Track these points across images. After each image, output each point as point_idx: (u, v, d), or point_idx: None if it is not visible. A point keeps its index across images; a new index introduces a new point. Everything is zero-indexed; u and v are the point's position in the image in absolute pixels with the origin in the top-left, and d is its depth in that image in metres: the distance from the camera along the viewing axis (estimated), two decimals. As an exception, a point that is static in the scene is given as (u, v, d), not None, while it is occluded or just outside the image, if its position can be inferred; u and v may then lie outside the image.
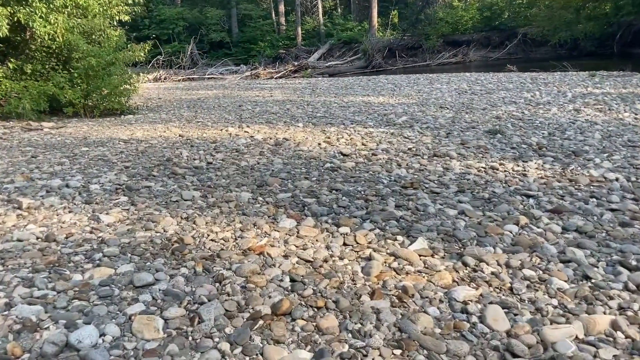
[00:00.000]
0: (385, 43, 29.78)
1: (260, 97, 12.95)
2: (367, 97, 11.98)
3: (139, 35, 32.67)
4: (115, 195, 4.48)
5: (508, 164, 5.44)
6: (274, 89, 15.57)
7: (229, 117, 9.21)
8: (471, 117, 8.76)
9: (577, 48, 26.24)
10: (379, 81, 17.06)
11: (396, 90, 13.60)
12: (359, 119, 8.48)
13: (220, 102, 12.20)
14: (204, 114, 9.89)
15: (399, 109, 9.69)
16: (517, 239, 3.39)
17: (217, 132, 7.65)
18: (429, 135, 7.04)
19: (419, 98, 11.54)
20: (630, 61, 22.26)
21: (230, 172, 5.18)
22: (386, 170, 5.16)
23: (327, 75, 27.63)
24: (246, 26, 34.51)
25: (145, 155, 6.07)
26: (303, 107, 10.22)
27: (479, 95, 11.75)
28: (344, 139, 6.83)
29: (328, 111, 9.54)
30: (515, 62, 24.20)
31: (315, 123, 8.17)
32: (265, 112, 9.63)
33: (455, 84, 14.64)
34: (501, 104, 10.31)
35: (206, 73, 28.75)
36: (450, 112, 9.35)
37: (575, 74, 16.17)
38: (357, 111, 9.50)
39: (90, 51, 9.88)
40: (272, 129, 7.69)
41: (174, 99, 13.38)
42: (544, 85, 13.42)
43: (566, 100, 10.43)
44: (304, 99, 12.14)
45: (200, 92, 15.23)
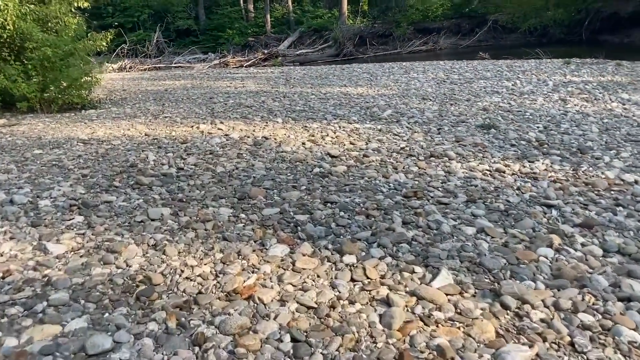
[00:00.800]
0: (356, 31, 29.05)
1: (232, 88, 12.14)
2: (344, 88, 11.29)
3: (102, 23, 31.21)
4: (68, 214, 3.72)
5: (514, 165, 4.86)
6: (246, 78, 14.74)
7: (199, 112, 8.42)
8: (457, 109, 8.19)
9: (547, 35, 26.01)
10: (353, 70, 16.38)
11: (373, 80, 12.95)
12: (342, 113, 7.81)
13: (189, 93, 11.35)
14: (172, 108, 9.07)
15: (381, 102, 9.05)
16: (557, 268, 2.79)
17: (187, 129, 6.87)
18: (419, 132, 6.42)
19: (398, 89, 10.92)
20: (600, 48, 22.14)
21: (204, 181, 4.46)
22: (383, 176, 4.50)
23: (298, 63, 26.79)
24: (213, 13, 33.28)
25: (106, 160, 5.28)
26: (280, 100, 9.48)
27: (459, 85, 11.21)
28: (330, 136, 6.15)
29: (307, 104, 8.83)
30: (486, 49, 23.73)
31: (295, 118, 7.46)
32: (240, 105, 8.86)
33: (432, 73, 14.08)
34: (484, 94, 9.79)
35: (173, 62, 27.63)
36: (434, 104, 8.77)
37: (549, 61, 15.78)
38: (337, 104, 8.82)
39: (45, 40, 8.93)
40: (248, 126, 6.95)
41: (140, 91, 12.46)
42: (522, 73, 12.98)
43: (549, 90, 9.99)
44: (279, 89, 11.38)
45: (167, 83, 14.30)
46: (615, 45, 22.47)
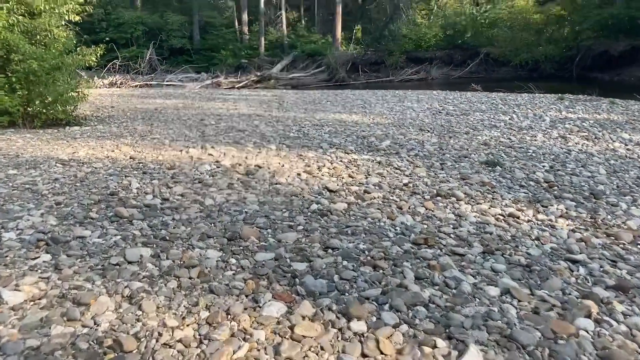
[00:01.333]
0: (348, 57, 28.94)
1: (224, 110, 11.71)
2: (339, 115, 10.92)
3: (95, 38, 30.79)
4: (34, 251, 3.22)
5: (527, 210, 4.45)
6: (238, 100, 14.34)
7: (189, 134, 7.96)
8: (457, 142, 7.82)
9: (538, 70, 26.01)
10: (346, 96, 16.06)
11: (367, 107, 12.60)
12: (338, 142, 7.39)
13: (180, 113, 10.90)
14: (161, 128, 8.61)
15: (378, 131, 8.66)
16: (603, 347, 2.35)
17: (175, 153, 6.39)
18: (421, 166, 6.01)
19: (394, 118, 10.57)
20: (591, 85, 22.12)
21: (191, 215, 3.98)
22: (387, 217, 4.06)
23: (290, 87, 26.54)
24: (208, 33, 33.02)
25: (84, 186, 4.78)
26: (273, 125, 9.05)
27: (456, 117, 10.89)
28: (326, 167, 5.71)
29: (301, 130, 8.41)
30: (477, 80, 23.63)
31: (289, 145, 7.02)
32: (232, 129, 8.42)
33: (426, 102, 13.78)
34: (482, 127, 9.47)
35: (165, 80, 27.22)
36: (432, 135, 8.40)
37: (542, 96, 15.58)
38: (332, 131, 8.41)
39: (32, 53, 8.46)
40: (241, 152, 6.49)
41: (129, 108, 11.98)
42: (517, 107, 12.73)
43: (547, 125, 9.70)
44: (272, 114, 10.98)
45: (157, 101, 13.84)
46: (605, 83, 22.47)
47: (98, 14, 30.41)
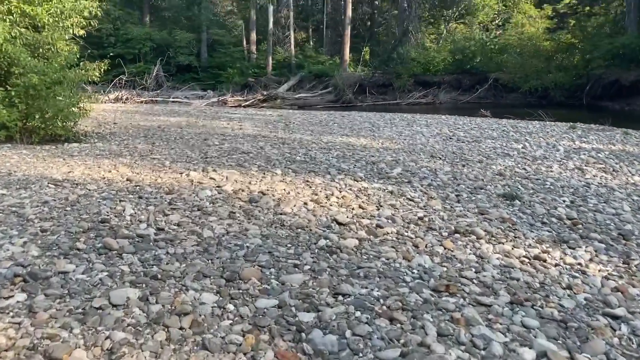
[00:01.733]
0: (356, 79, 28.79)
1: (228, 129, 11.42)
2: (347, 138, 10.61)
3: (103, 52, 30.75)
4: (9, 289, 2.86)
5: (553, 252, 4.08)
6: (244, 119, 14.07)
7: (191, 155, 7.64)
8: (471, 171, 7.48)
9: (547, 97, 25.75)
10: (353, 119, 15.79)
11: (376, 131, 12.30)
12: (346, 167, 7.06)
13: (183, 132, 10.61)
14: (162, 148, 8.30)
15: (387, 156, 8.34)
16: None
17: (175, 176, 6.06)
18: (436, 198, 5.66)
19: (403, 143, 10.25)
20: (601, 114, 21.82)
21: (187, 249, 3.62)
22: (403, 257, 3.70)
23: (297, 107, 26.34)
24: (216, 51, 33.00)
25: (75, 210, 4.43)
26: (279, 147, 8.74)
27: (467, 144, 10.57)
28: (335, 196, 5.36)
29: (308, 154, 8.09)
30: (485, 106, 23.36)
31: (295, 170, 6.69)
32: (235, 151, 8.09)
33: (436, 127, 13.48)
34: (495, 156, 9.14)
35: (171, 96, 27.08)
36: (445, 163, 8.07)
37: (553, 124, 15.28)
38: (340, 156, 8.09)
39: (33, 67, 8.20)
40: (244, 176, 6.15)
41: (131, 125, 11.70)
42: (529, 135, 12.41)
43: (561, 156, 9.37)
44: (278, 135, 10.68)
45: (161, 119, 13.58)
46: (616, 112, 22.15)
47: (107, 29, 30.47)
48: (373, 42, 35.97)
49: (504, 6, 31.39)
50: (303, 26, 38.95)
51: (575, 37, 25.92)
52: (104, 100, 25.37)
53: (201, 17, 31.87)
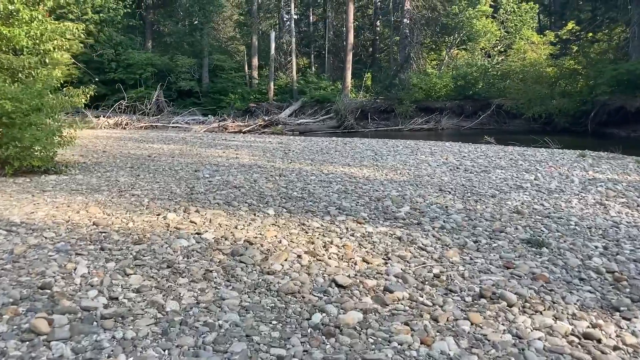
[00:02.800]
0: (358, 104, 28.08)
1: (223, 159, 10.60)
2: (348, 168, 9.77)
3: (104, 78, 30.22)
4: None
5: (606, 326, 3.19)
6: (241, 147, 13.26)
7: (176, 190, 6.78)
8: (486, 209, 6.62)
9: (551, 123, 24.95)
10: (355, 146, 14.98)
11: (379, 160, 11.47)
12: (348, 206, 6.19)
13: (174, 162, 9.78)
14: (146, 181, 7.46)
15: (393, 190, 7.48)
16: None
17: (150, 219, 5.18)
18: (451, 245, 4.78)
19: (409, 174, 9.40)
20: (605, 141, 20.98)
21: (140, 331, 2.73)
22: (421, 341, 2.81)
23: (298, 132, 25.59)
24: (217, 77, 32.39)
25: (16, 269, 3.55)
26: (274, 180, 7.89)
27: (476, 174, 9.73)
28: (335, 245, 4.49)
29: (306, 188, 7.23)
30: (488, 132, 22.59)
31: (290, 210, 5.82)
32: (226, 185, 7.24)
33: (441, 156, 12.64)
34: (508, 189, 8.30)
35: (171, 122, 26.38)
36: (455, 198, 7.21)
37: (561, 152, 14.44)
38: (342, 190, 7.23)
39: (5, 93, 7.40)
40: (230, 218, 5.28)
41: (121, 154, 10.89)
42: (538, 164, 11.58)
43: (578, 188, 8.53)
44: (275, 164, 9.84)
45: (155, 146, 12.77)
46: (621, 139, 21.33)
47: (108, 54, 29.96)
48: (375, 68, 35.37)
49: (506, 32, 30.83)
50: (305, 52, 38.46)
51: (578, 63, 25.23)
52: (103, 126, 24.76)
53: (203, 43, 31.35)
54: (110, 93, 29.48)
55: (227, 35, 38.51)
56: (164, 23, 34.22)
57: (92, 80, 30.19)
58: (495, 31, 29.88)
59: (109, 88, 29.59)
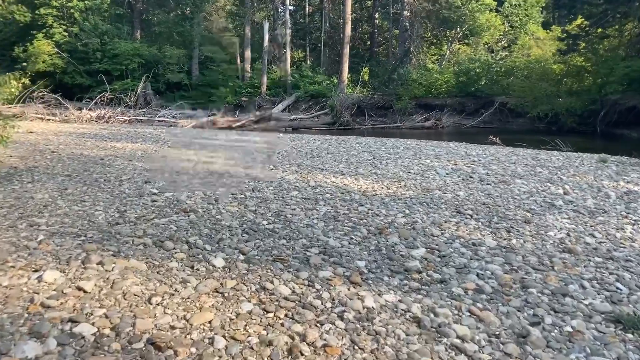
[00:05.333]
0: (354, 100, 26.02)
1: (190, 165, 8.60)
2: (341, 178, 7.78)
3: (89, 68, 28.09)
4: None
5: None
6: (219, 147, 11.25)
7: (98, 217, 4.76)
8: (525, 245, 4.73)
9: (557, 123, 22.95)
10: (350, 146, 12.98)
11: (377, 165, 9.47)
12: (338, 247, 4.19)
13: (128, 168, 7.78)
14: (69, 200, 5.44)
15: (398, 214, 5.50)
16: None
17: (15, 282, 3.16)
18: (503, 336, 2.80)
19: (415, 186, 7.43)
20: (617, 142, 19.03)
21: None
22: None
23: (291, 129, 23.58)
24: (208, 69, 30.24)
25: None
26: (243, 199, 5.88)
27: (493, 186, 7.81)
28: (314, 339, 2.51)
29: (282, 213, 5.23)
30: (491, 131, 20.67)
31: (251, 256, 3.81)
32: (173, 207, 5.23)
33: (447, 160, 10.67)
34: (538, 208, 6.43)
35: (157, 115, 24.32)
36: (481, 227, 5.28)
37: (577, 156, 12.48)
38: (330, 215, 5.24)
39: None
40: (147, 280, 3.23)
41: (71, 156, 8.87)
42: (558, 171, 9.67)
43: (620, 206, 6.74)
44: (253, 173, 7.84)
45: (118, 145, 10.74)
46: (634, 141, 19.43)
47: (93, 43, 27.82)
48: (372, 62, 33.23)
49: (510, 27, 28.75)
50: (300, 44, 36.30)
51: (587, 60, 23.19)
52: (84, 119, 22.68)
53: (193, 33, 29.17)
54: (94, 84, 27.41)
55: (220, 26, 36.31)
56: (153, 12, 32.02)
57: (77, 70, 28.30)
58: (499, 25, 27.79)
59: (94, 79, 27.52)
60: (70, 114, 22.65)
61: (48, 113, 22.65)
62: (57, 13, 28.07)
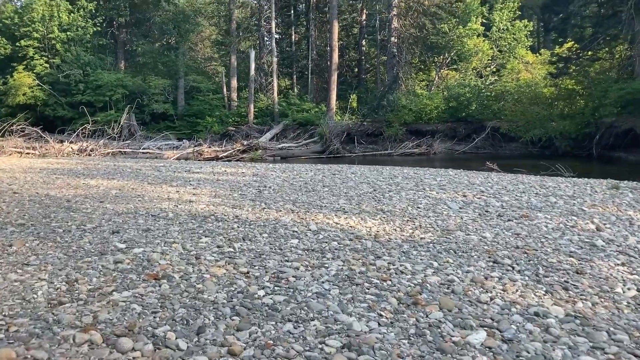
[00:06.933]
0: (343, 127, 25.01)
1: (172, 203, 7.36)
2: (345, 217, 6.58)
3: (71, 100, 26.83)
4: None
5: None
6: (204, 183, 10.01)
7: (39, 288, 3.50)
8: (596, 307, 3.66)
9: (551, 147, 22.12)
10: (346, 176, 11.84)
11: (381, 199, 8.31)
12: (362, 324, 2.98)
13: (98, 211, 6.52)
14: (11, 263, 4.18)
15: (428, 269, 4.32)
16: None
17: None
18: None
19: (432, 227, 6.26)
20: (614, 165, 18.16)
21: None
22: None
23: (280, 158, 22.45)
24: (194, 99, 29.08)
25: None
26: (231, 252, 4.64)
27: (517, 222, 6.74)
28: None
29: (283, 269, 4.01)
30: (484, 157, 19.77)
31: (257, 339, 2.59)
32: (140, 274, 3.96)
33: (453, 190, 9.56)
34: (580, 250, 5.46)
35: (141, 147, 23.07)
36: (527, 281, 4.19)
37: (585, 183, 11.46)
38: (344, 273, 4.03)
39: None
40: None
41: (31, 197, 7.60)
42: (575, 201, 8.62)
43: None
44: (242, 214, 6.62)
45: (92, 183, 9.46)
46: (632, 164, 18.57)
47: (76, 75, 26.60)
48: (361, 89, 32.38)
49: (499, 52, 28.10)
50: (287, 73, 35.37)
51: (578, 82, 22.48)
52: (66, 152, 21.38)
53: (178, 63, 28.08)
54: (77, 116, 26.14)
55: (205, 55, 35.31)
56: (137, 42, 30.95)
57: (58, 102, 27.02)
58: (487, 50, 27.12)
59: (76, 111, 26.25)
60: (51, 147, 21.38)
61: (27, 147, 21.36)
62: (38, 45, 26.89)
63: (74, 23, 26.98)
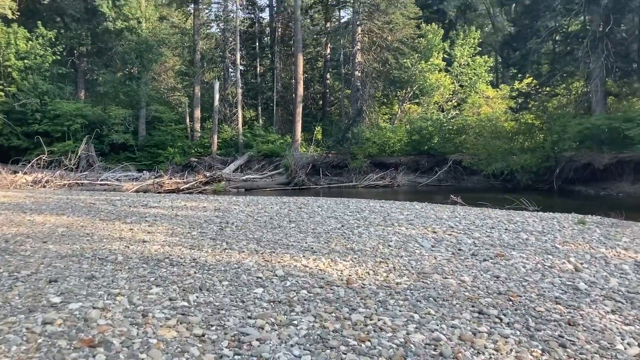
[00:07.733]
0: (309, 159, 24.60)
1: (124, 243, 6.63)
2: (314, 259, 6.01)
3: (27, 130, 25.56)
4: None
5: None
6: (161, 219, 9.27)
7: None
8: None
9: (513, 180, 22.20)
10: (313, 210, 11.31)
11: (350, 237, 7.79)
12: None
13: (33, 257, 5.74)
14: None
15: (408, 325, 3.80)
16: None
17: None
18: None
19: (406, 269, 5.77)
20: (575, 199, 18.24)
21: None
22: None
23: (244, 189, 21.76)
24: (155, 129, 28.19)
25: None
26: (186, 297, 4.01)
27: (494, 263, 6.41)
28: None
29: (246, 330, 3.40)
30: (447, 190, 19.65)
31: None
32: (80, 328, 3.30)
33: (422, 225, 9.16)
34: (564, 295, 5.31)
35: (99, 179, 22.01)
36: (519, 336, 3.81)
37: (554, 218, 11.29)
38: (316, 333, 3.45)
39: None
40: None
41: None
42: (545, 237, 8.42)
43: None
44: (201, 256, 5.96)
45: (37, 220, 8.60)
46: (591, 197, 18.74)
47: (32, 104, 25.43)
48: (325, 122, 32.20)
49: (460, 86, 28.46)
50: (252, 104, 34.93)
51: (537, 117, 22.83)
52: (19, 184, 20.18)
53: (140, 93, 27.25)
54: (32, 146, 24.86)
55: (168, 85, 34.57)
56: (98, 72, 30.01)
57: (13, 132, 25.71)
58: (449, 85, 27.43)
59: (32, 141, 25.00)
60: (3, 179, 20.15)
61: None
62: (-7, 72, 25.71)
63: (32, 51, 25.92)
